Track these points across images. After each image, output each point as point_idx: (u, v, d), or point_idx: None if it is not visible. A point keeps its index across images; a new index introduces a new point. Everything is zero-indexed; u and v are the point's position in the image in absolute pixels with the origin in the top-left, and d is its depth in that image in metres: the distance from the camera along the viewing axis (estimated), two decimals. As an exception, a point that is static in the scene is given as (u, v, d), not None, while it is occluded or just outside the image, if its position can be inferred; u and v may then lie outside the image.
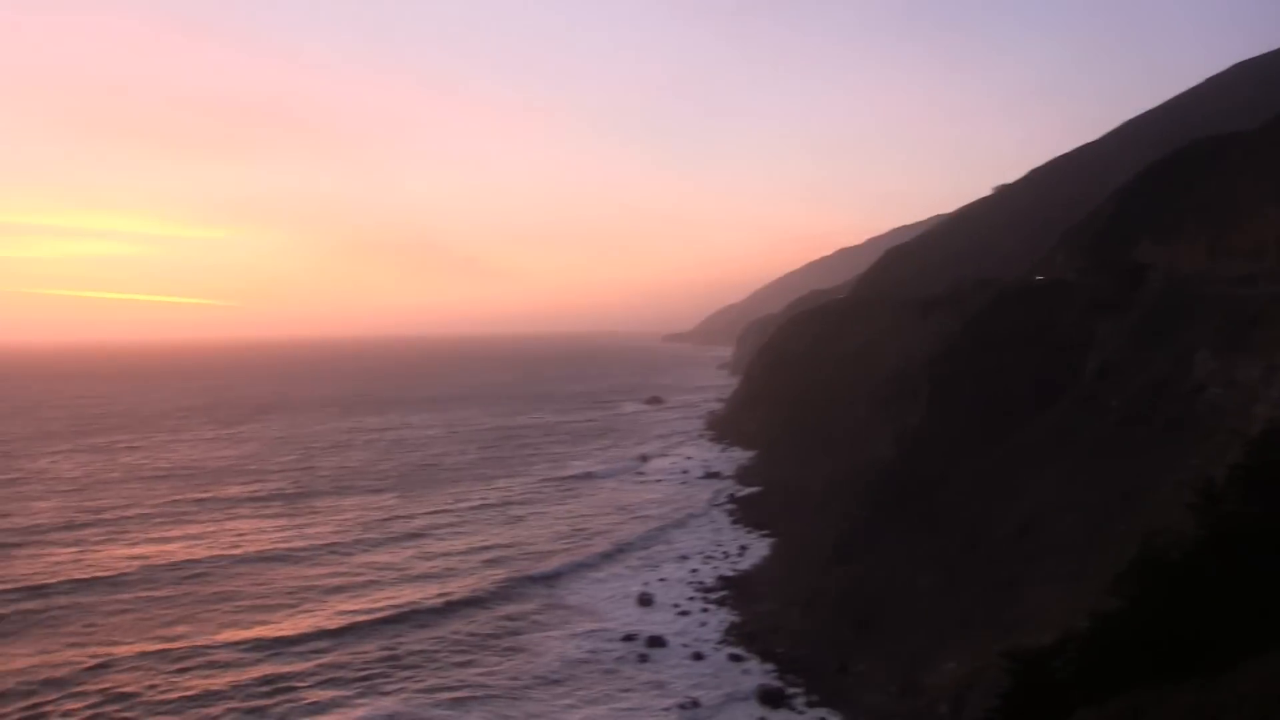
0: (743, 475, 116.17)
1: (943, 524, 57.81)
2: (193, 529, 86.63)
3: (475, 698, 50.12)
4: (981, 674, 37.74)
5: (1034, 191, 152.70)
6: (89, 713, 47.20)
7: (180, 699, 48.67)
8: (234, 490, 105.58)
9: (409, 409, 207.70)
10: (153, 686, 50.14)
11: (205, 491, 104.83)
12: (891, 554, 59.49)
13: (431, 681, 51.97)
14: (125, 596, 65.80)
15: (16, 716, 46.60)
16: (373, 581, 70.01)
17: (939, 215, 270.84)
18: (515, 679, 52.78)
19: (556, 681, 52.73)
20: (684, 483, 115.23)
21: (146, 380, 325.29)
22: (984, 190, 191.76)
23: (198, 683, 50.66)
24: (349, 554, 78.03)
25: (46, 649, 55.52)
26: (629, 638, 59.06)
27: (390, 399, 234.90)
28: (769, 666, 53.30)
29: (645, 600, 67.02)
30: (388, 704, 48.94)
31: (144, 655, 54.36)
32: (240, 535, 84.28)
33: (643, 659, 55.75)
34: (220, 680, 50.95)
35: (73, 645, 56.17)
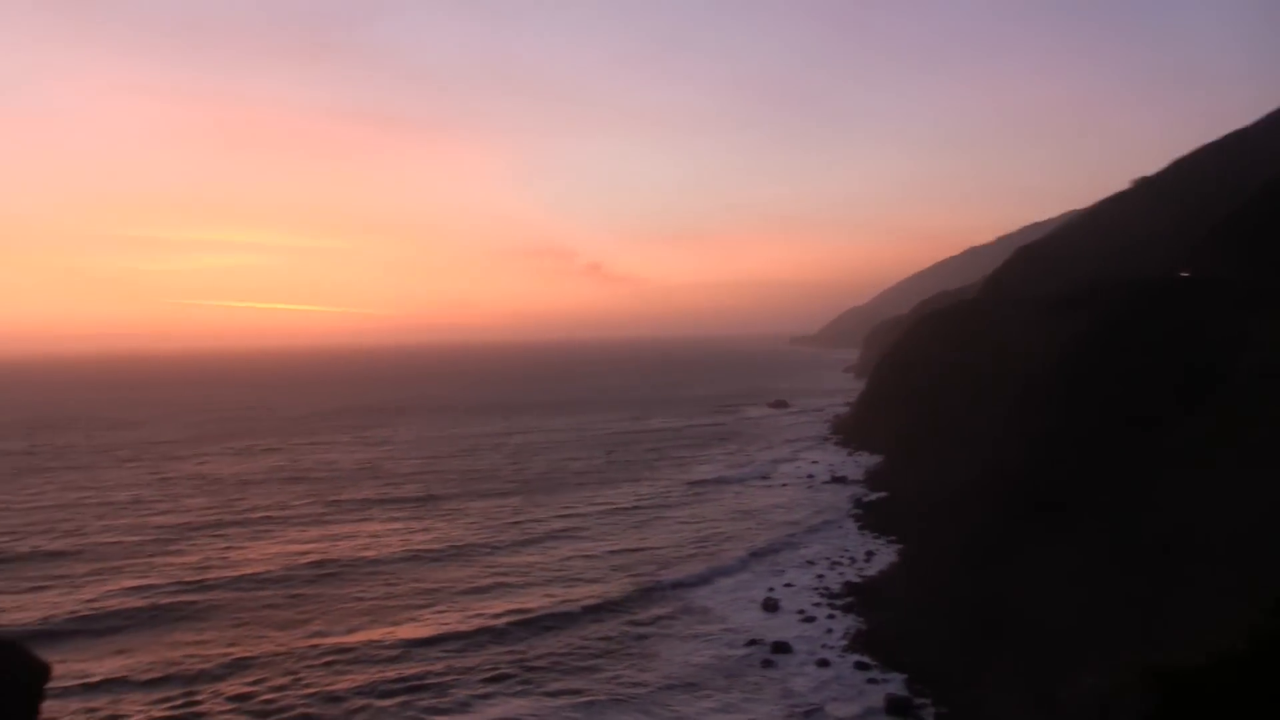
0: (870, 480, 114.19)
1: (1079, 532, 55.50)
2: (328, 529, 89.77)
3: (600, 700, 50.44)
4: (1124, 691, 35.98)
5: (1177, 183, 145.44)
6: (234, 705, 49.09)
7: (317, 694, 50.28)
8: (367, 493, 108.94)
9: (536, 413, 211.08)
10: (295, 682, 51.87)
11: (340, 493, 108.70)
12: (1025, 562, 57.42)
13: (559, 685, 52.50)
14: (266, 594, 68.54)
15: (171, 706, 48.91)
16: (502, 584, 71.08)
17: (1073, 211, 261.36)
18: (639, 684, 52.89)
19: (680, 686, 52.69)
20: (810, 487, 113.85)
21: (283, 386, 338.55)
22: (1121, 184, 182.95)
23: (334, 680, 52.18)
24: (478, 557, 79.41)
25: (198, 641, 58.21)
26: (753, 643, 58.61)
27: (517, 403, 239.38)
28: (896, 675, 52.10)
29: (770, 605, 66.38)
30: (518, 706, 49.63)
31: (285, 653, 56.19)
32: (374, 536, 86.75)
33: (767, 664, 55.24)
34: (355, 679, 52.38)
35: (220, 640, 58.59)
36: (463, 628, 60.94)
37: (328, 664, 54.44)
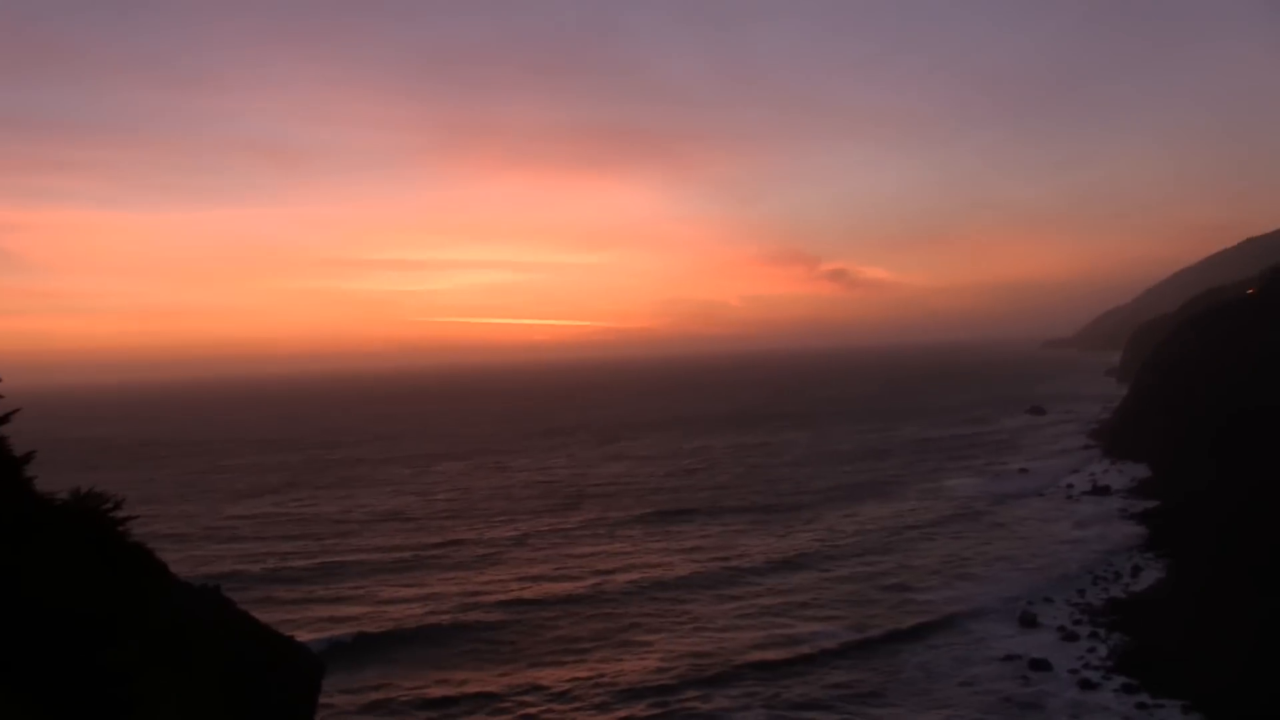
0: (1135, 491, 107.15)
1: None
2: (579, 550, 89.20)
3: (827, 702, 50.15)
4: None
5: None
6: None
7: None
8: (616, 511, 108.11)
9: (780, 425, 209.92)
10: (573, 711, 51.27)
11: (591, 510, 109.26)
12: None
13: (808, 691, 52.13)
14: (537, 616, 67.97)
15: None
16: (766, 611, 68.01)
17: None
18: (877, 691, 52.13)
19: (922, 695, 51.69)
20: (1069, 498, 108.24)
21: (535, 398, 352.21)
22: None
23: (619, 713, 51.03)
24: (731, 582, 76.10)
25: (477, 665, 58.44)
26: (1009, 658, 56.48)
27: (760, 414, 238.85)
28: (1171, 701, 48.54)
29: (1027, 620, 63.71)
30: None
31: (569, 680, 55.32)
32: (624, 557, 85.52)
33: (1024, 681, 53.05)
34: (638, 712, 50.93)
35: (502, 663, 58.68)
36: (748, 658, 57.89)
37: (606, 695, 52.89)
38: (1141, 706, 48.51)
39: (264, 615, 32.16)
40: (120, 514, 27.49)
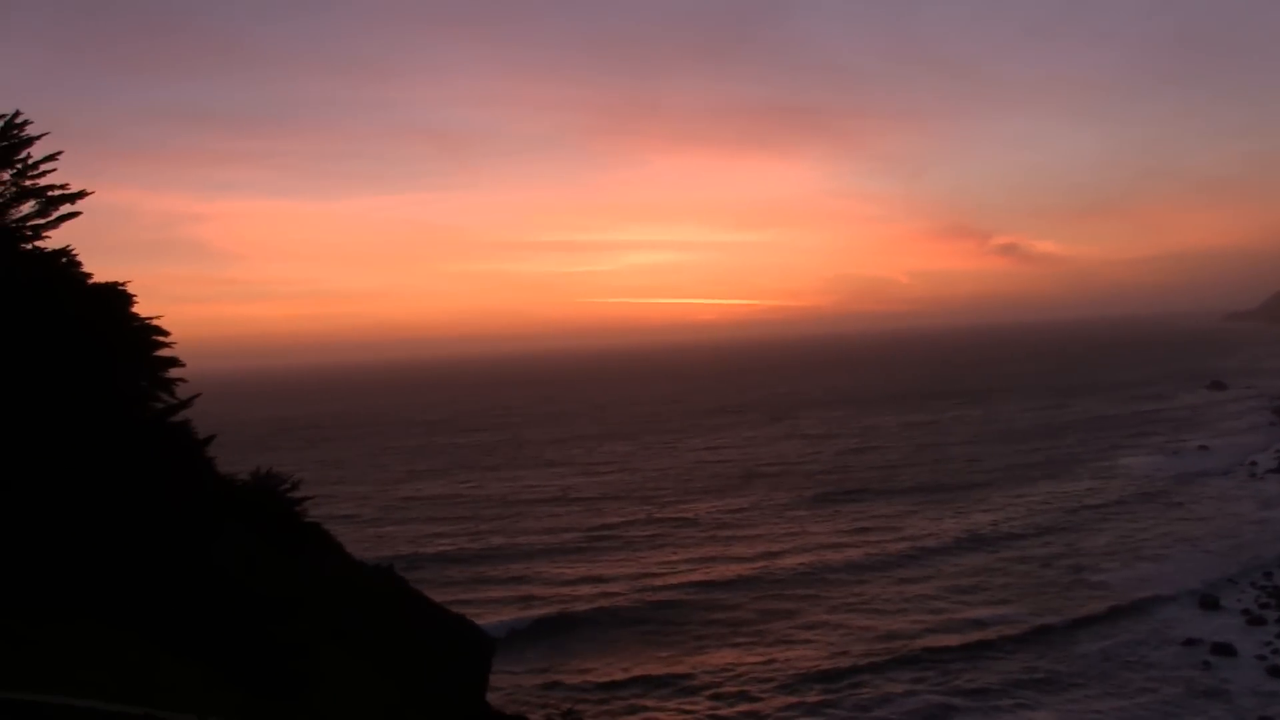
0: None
1: None
2: (748, 531, 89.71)
3: (1011, 696, 49.67)
4: None
5: None
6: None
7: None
8: (784, 493, 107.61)
9: (950, 401, 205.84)
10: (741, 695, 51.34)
11: (753, 493, 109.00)
12: None
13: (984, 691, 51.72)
14: (707, 598, 68.30)
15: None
16: (939, 593, 67.51)
17: None
18: (1052, 678, 51.54)
19: (1100, 680, 50.99)
20: (1254, 476, 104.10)
21: (700, 380, 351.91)
22: None
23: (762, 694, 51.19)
24: (902, 564, 75.31)
25: (646, 648, 58.73)
26: (1190, 642, 55.05)
27: (929, 391, 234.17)
28: (1366, 689, 46.90)
29: (1208, 602, 61.97)
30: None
31: (739, 664, 55.32)
32: (793, 538, 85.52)
33: (1205, 666, 51.76)
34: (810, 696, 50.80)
35: (671, 646, 59.00)
36: (918, 643, 57.27)
37: (785, 676, 53.10)
38: (1336, 694, 46.86)
39: (436, 595, 33.56)
40: (297, 494, 29.41)
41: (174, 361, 21.32)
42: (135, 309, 20.59)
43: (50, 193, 19.15)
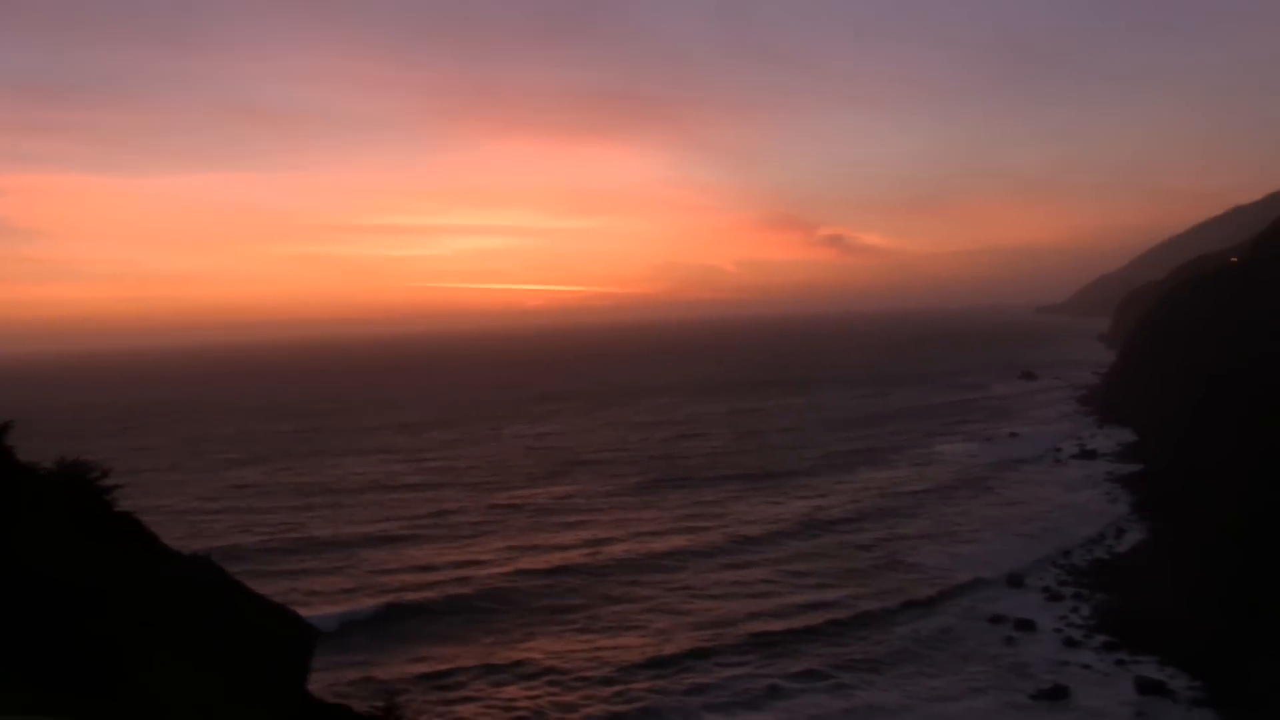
0: (1122, 454, 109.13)
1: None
2: (573, 518, 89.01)
3: (835, 673, 51.18)
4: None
5: None
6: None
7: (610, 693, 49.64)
8: (609, 480, 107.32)
9: (774, 391, 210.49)
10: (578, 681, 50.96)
11: (578, 480, 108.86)
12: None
13: (801, 662, 53.27)
14: (531, 586, 67.59)
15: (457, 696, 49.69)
16: (762, 580, 68.29)
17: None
18: (871, 659, 53.23)
19: (917, 661, 52.83)
20: (1058, 462, 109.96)
21: (526, 366, 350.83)
22: None
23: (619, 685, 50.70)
24: (726, 551, 76.00)
25: (470, 637, 58.03)
26: (996, 619, 57.82)
27: (754, 380, 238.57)
28: (1148, 657, 50.36)
29: (1014, 581, 65.16)
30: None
31: (564, 652, 55.05)
32: (619, 525, 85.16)
33: (1009, 641, 54.45)
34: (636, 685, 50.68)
35: (495, 634, 58.48)
36: (742, 629, 57.98)
37: (593, 671, 52.35)
38: (1120, 663, 50.06)
39: (258, 586, 32.30)
40: (107, 483, 27.43)
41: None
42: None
43: None
